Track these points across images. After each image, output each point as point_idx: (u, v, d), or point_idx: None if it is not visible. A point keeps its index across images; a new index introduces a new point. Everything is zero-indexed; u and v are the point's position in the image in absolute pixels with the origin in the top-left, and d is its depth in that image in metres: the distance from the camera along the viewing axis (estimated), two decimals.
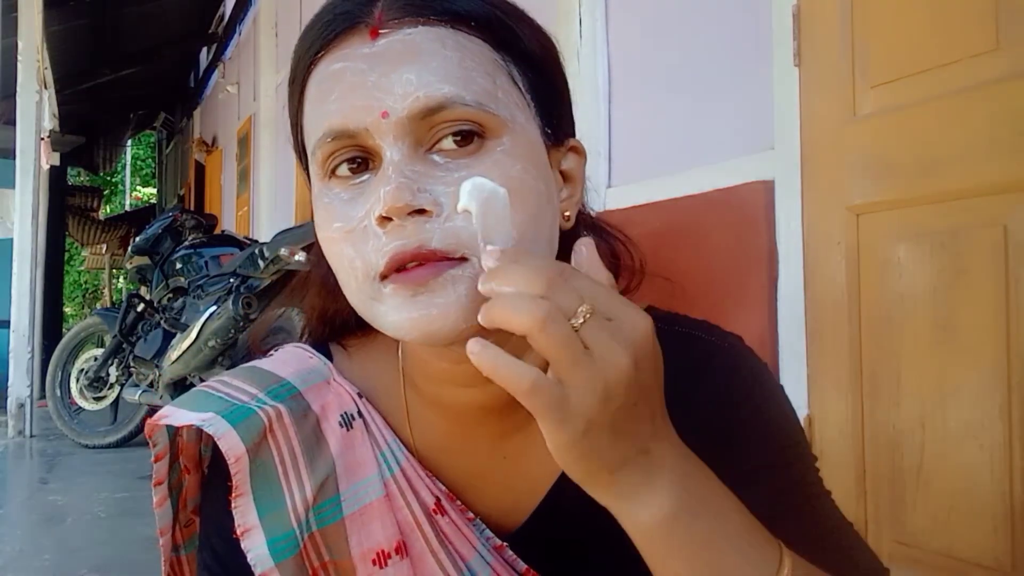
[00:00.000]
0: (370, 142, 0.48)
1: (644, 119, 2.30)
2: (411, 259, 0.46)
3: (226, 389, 0.58)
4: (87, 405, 4.27)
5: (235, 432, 0.54)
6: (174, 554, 0.63)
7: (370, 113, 0.47)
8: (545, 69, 0.54)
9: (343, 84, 0.48)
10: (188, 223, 4.03)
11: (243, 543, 0.54)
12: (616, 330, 0.41)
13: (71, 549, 2.43)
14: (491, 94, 0.48)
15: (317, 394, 0.58)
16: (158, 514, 0.60)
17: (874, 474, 1.51)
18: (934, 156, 1.42)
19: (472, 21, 0.49)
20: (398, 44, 0.48)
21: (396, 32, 0.48)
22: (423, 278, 0.46)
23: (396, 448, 0.57)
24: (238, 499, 0.54)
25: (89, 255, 12.58)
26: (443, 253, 0.46)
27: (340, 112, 0.48)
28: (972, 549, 1.34)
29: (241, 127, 7.64)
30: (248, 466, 0.54)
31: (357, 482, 0.55)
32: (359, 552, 0.54)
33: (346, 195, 0.49)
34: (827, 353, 1.63)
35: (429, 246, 0.46)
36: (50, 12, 5.46)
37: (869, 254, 1.55)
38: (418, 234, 0.46)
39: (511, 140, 0.49)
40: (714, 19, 2.02)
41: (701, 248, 1.97)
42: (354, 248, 0.48)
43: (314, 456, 0.55)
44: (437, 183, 0.47)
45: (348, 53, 0.49)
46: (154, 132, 14.85)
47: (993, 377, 1.31)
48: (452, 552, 0.55)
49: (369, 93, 0.47)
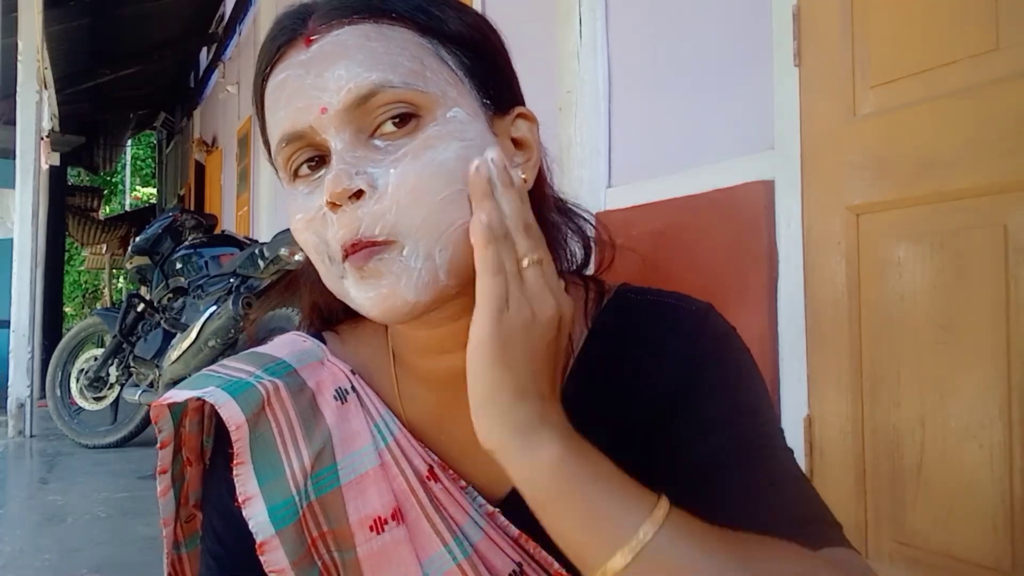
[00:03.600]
0: (317, 138, 0.52)
1: (644, 119, 2.30)
2: (350, 247, 0.51)
3: (224, 370, 0.61)
4: (87, 405, 4.27)
5: (235, 402, 0.57)
6: (175, 552, 0.64)
7: (310, 112, 0.51)
8: (475, 46, 0.57)
9: (287, 91, 0.53)
10: (188, 223, 4.03)
11: (244, 511, 0.56)
12: (552, 288, 0.49)
13: (71, 549, 2.43)
14: (418, 74, 0.52)
15: (312, 372, 0.61)
16: (162, 504, 0.61)
17: (874, 474, 1.51)
18: (934, 156, 1.42)
19: (393, 13, 0.53)
20: (328, 46, 0.52)
21: (326, 36, 0.52)
22: (360, 262, 0.51)
23: (389, 420, 0.60)
24: (239, 467, 0.57)
25: (89, 255, 12.58)
26: (369, 239, 0.50)
27: (288, 117, 0.53)
28: (972, 549, 1.34)
29: (241, 127, 7.64)
30: (248, 435, 0.57)
31: (352, 452, 0.58)
32: (357, 519, 0.56)
33: (307, 189, 0.54)
34: (827, 353, 1.63)
35: (358, 233, 0.51)
36: (50, 12, 5.46)
37: (869, 254, 1.55)
38: (353, 221, 0.51)
39: (444, 115, 0.52)
40: (714, 19, 2.02)
41: (701, 248, 1.97)
42: (316, 235, 0.53)
43: (311, 427, 0.58)
44: (376, 165, 0.51)
45: (288, 63, 0.53)
46: (154, 132, 14.84)
47: (993, 377, 1.31)
48: (446, 517, 0.57)
49: (308, 94, 0.51)
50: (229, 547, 0.59)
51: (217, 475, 0.61)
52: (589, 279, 0.66)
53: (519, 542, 0.57)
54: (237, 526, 0.57)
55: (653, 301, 0.63)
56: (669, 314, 0.62)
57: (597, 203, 2.40)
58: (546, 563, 0.56)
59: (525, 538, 0.57)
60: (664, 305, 0.63)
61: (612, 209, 2.37)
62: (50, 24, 5.64)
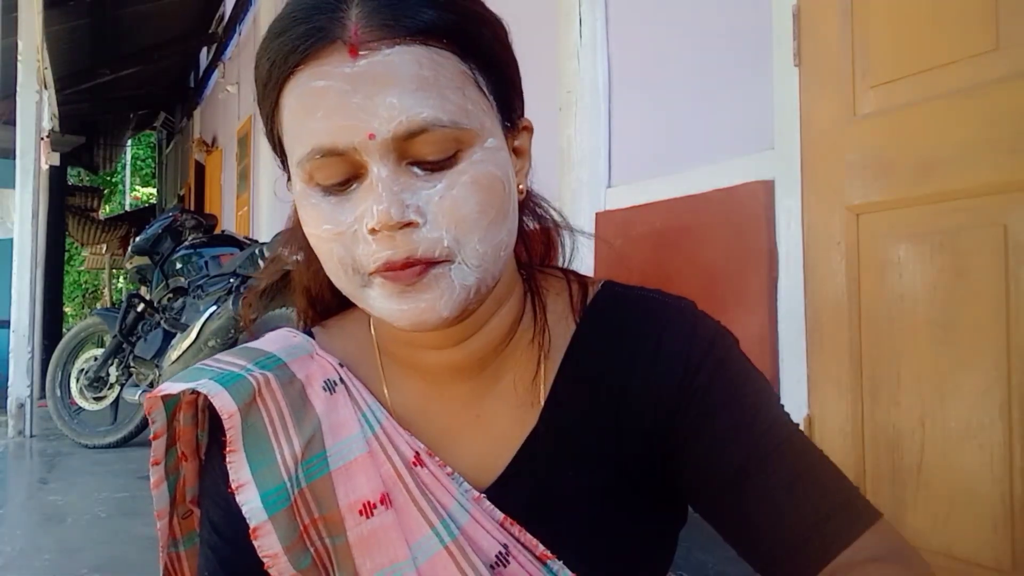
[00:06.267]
0: (357, 159, 0.52)
1: (644, 119, 2.30)
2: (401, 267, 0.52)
3: (217, 364, 0.63)
4: (87, 405, 4.26)
5: (227, 392, 0.59)
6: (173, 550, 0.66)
7: (357, 134, 0.51)
8: (502, 64, 0.57)
9: (327, 103, 0.51)
10: (188, 223, 4.03)
11: (238, 497, 0.58)
12: None
13: (71, 549, 2.43)
14: (463, 109, 0.53)
15: (302, 365, 0.63)
16: (155, 495, 0.63)
17: (874, 474, 1.51)
18: (934, 156, 1.42)
19: (443, 37, 0.52)
20: (379, 66, 0.50)
21: (375, 54, 0.51)
22: (410, 278, 0.52)
23: (376, 409, 0.62)
24: (231, 455, 0.58)
25: (89, 255, 12.59)
26: (427, 259, 0.52)
27: (327, 132, 0.51)
28: (972, 549, 1.34)
29: (241, 127, 7.65)
30: (240, 424, 0.59)
31: (341, 440, 0.60)
32: (346, 503, 0.58)
33: (333, 199, 0.54)
34: (827, 353, 1.63)
35: (416, 255, 0.52)
36: (50, 12, 5.46)
37: (869, 254, 1.55)
38: (406, 245, 0.52)
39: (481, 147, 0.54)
40: (714, 19, 2.02)
41: (701, 248, 1.97)
42: (344, 249, 0.54)
43: (301, 416, 0.60)
44: (420, 193, 0.52)
45: (329, 71, 0.51)
46: (154, 132, 14.85)
47: (993, 377, 1.31)
48: (433, 501, 0.59)
49: (355, 114, 0.50)
50: (225, 535, 0.61)
51: (212, 465, 0.62)
52: (570, 273, 0.67)
53: (504, 525, 0.59)
54: (232, 514, 0.58)
55: (641, 297, 0.64)
56: (660, 312, 0.62)
57: (597, 203, 2.40)
58: (531, 545, 0.58)
59: (510, 521, 0.59)
60: (653, 301, 0.64)
61: (612, 209, 2.37)
62: (50, 24, 5.64)
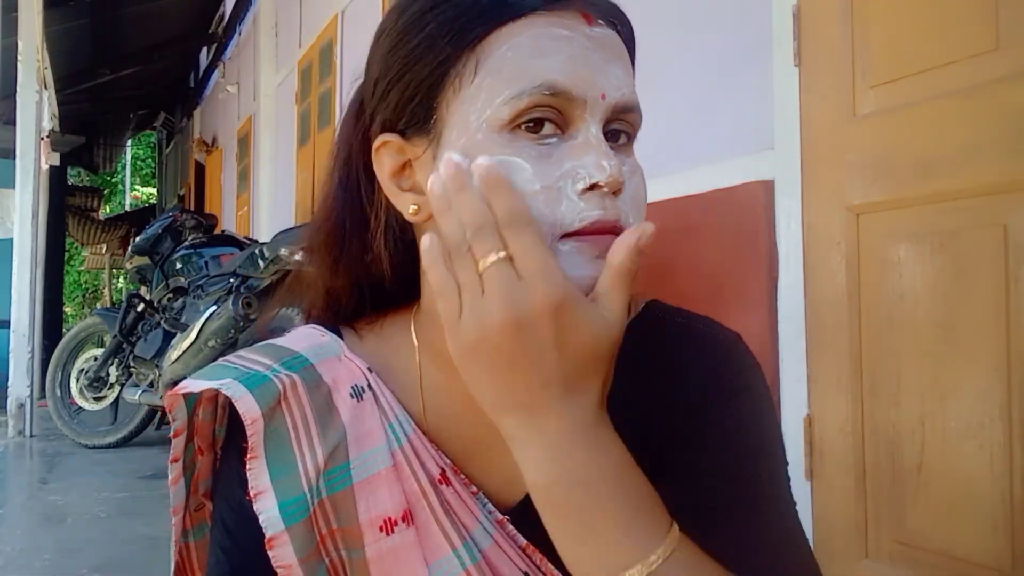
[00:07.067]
0: (576, 110, 0.52)
1: (644, 119, 2.30)
2: (610, 231, 0.51)
3: (241, 362, 0.60)
4: (87, 405, 4.27)
5: (251, 396, 0.56)
6: (183, 540, 0.64)
7: (592, 89, 0.51)
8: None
9: (571, 50, 0.52)
10: (188, 223, 4.03)
11: (255, 505, 0.55)
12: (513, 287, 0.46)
13: (71, 549, 2.43)
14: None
15: (329, 367, 0.60)
16: (172, 492, 0.61)
17: (874, 474, 1.51)
18: (934, 156, 1.42)
19: (631, 42, 0.57)
20: (609, 40, 0.54)
21: (606, 28, 0.54)
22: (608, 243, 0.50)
23: (404, 421, 0.59)
24: (252, 461, 0.56)
25: (89, 255, 12.59)
26: (623, 229, 0.52)
27: (566, 73, 0.51)
28: (972, 549, 1.34)
29: (241, 127, 7.65)
30: (263, 430, 0.56)
31: (366, 451, 0.58)
32: (367, 518, 0.56)
33: (535, 151, 0.51)
34: (827, 353, 1.63)
35: (621, 221, 0.52)
36: (50, 12, 5.47)
37: (869, 254, 1.55)
38: (615, 208, 0.52)
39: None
40: (714, 19, 2.02)
41: (701, 248, 1.97)
42: (548, 206, 0.50)
43: (326, 424, 0.58)
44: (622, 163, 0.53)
45: (572, 25, 0.52)
46: (154, 132, 14.86)
47: (993, 377, 1.31)
48: (456, 522, 0.57)
49: (595, 72, 0.52)
50: (238, 540, 0.59)
51: (229, 467, 0.61)
52: None
53: (526, 552, 0.57)
54: (247, 519, 0.56)
55: (683, 324, 0.63)
56: (698, 340, 0.61)
57: None
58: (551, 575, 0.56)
59: (532, 549, 0.57)
60: (694, 330, 0.62)
61: None
62: (50, 24, 5.64)
